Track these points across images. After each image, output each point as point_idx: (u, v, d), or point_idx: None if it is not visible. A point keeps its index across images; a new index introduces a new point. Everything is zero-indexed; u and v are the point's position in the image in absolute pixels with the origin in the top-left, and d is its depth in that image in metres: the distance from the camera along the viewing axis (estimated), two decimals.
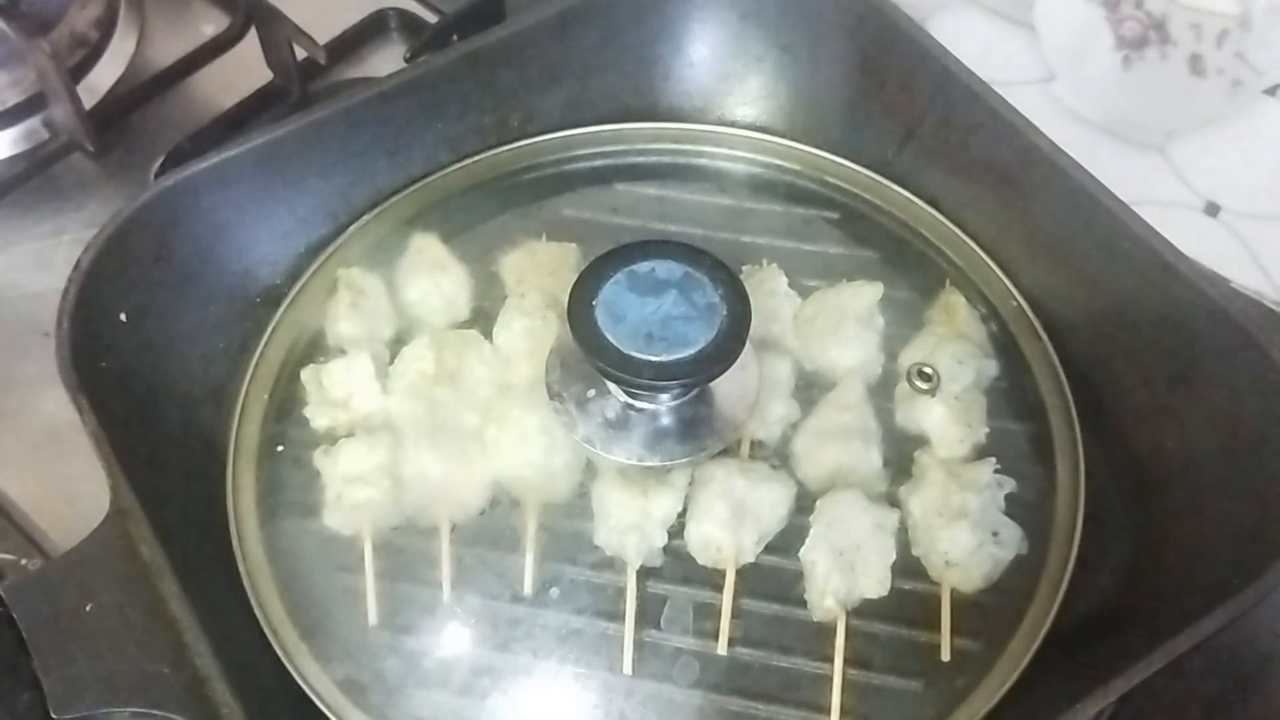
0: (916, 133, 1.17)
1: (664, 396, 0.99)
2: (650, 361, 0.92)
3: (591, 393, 1.01)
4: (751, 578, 1.02)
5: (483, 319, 1.13)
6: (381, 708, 0.97)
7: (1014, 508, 1.03)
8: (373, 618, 0.99)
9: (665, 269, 0.96)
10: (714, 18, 1.24)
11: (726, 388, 1.01)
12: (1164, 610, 0.93)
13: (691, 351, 0.92)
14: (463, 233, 1.19)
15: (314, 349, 1.13)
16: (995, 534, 1.00)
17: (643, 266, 0.96)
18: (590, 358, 0.93)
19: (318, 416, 1.07)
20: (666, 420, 1.00)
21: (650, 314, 0.93)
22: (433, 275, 1.13)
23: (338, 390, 1.06)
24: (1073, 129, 1.35)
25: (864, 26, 1.18)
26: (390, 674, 0.98)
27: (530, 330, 1.08)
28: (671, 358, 0.92)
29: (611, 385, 1.00)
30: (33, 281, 1.20)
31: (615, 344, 0.92)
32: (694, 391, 1.00)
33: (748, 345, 0.95)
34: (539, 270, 1.14)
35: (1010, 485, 1.03)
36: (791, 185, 1.23)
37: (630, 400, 1.00)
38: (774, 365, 1.08)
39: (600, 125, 1.24)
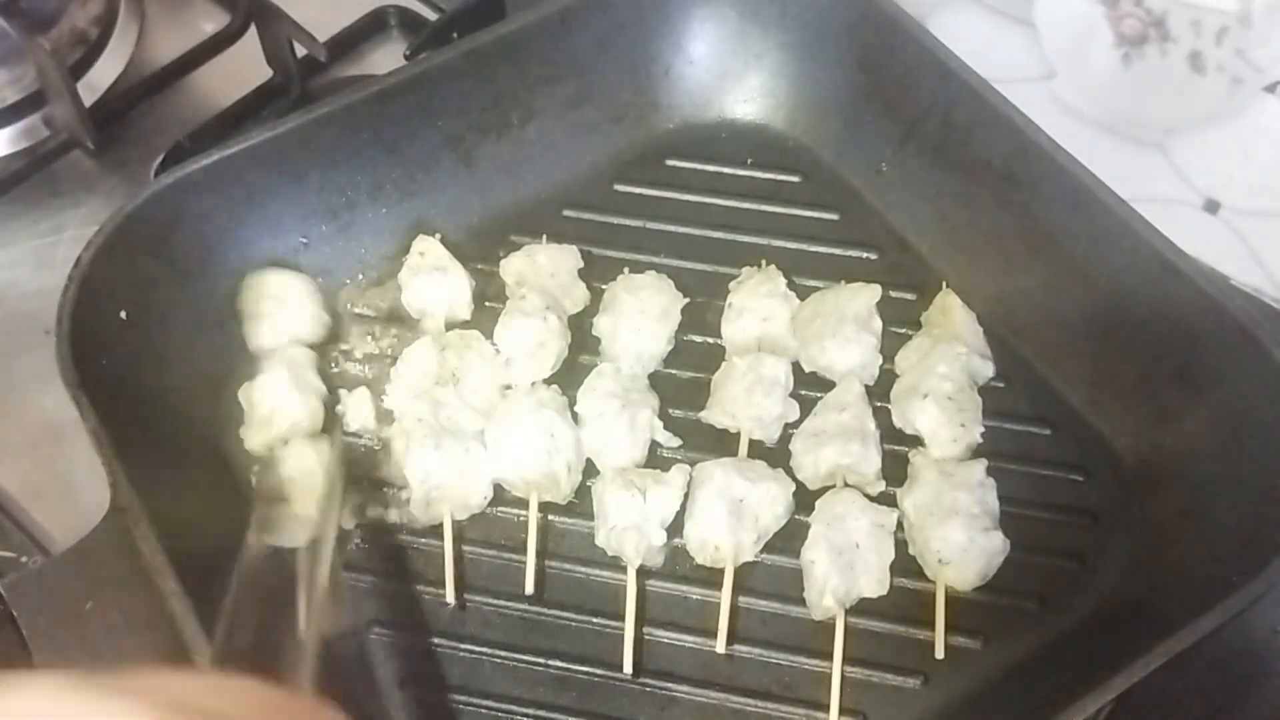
0: (916, 131, 1.17)
1: None
2: None
3: None
4: (751, 576, 1.03)
5: (483, 320, 1.13)
6: (383, 707, 0.97)
7: (1011, 506, 1.03)
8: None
9: None
10: (714, 15, 1.24)
11: None
12: (1163, 608, 0.93)
13: None
14: (463, 233, 1.19)
15: (316, 347, 1.13)
16: (987, 532, 1.00)
17: None
18: None
19: (251, 438, 1.06)
20: None
21: None
22: (434, 277, 1.12)
23: (264, 407, 1.05)
24: (1072, 126, 1.35)
25: (864, 24, 1.18)
26: (392, 673, 0.99)
27: (531, 330, 1.09)
28: None
29: None
30: (33, 279, 1.20)
31: None
32: None
33: None
34: (539, 272, 1.14)
35: (1005, 484, 1.03)
36: (791, 185, 1.23)
37: None
38: (773, 365, 1.08)
39: (600, 123, 1.24)
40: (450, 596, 1.00)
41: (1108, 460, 1.07)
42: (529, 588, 1.01)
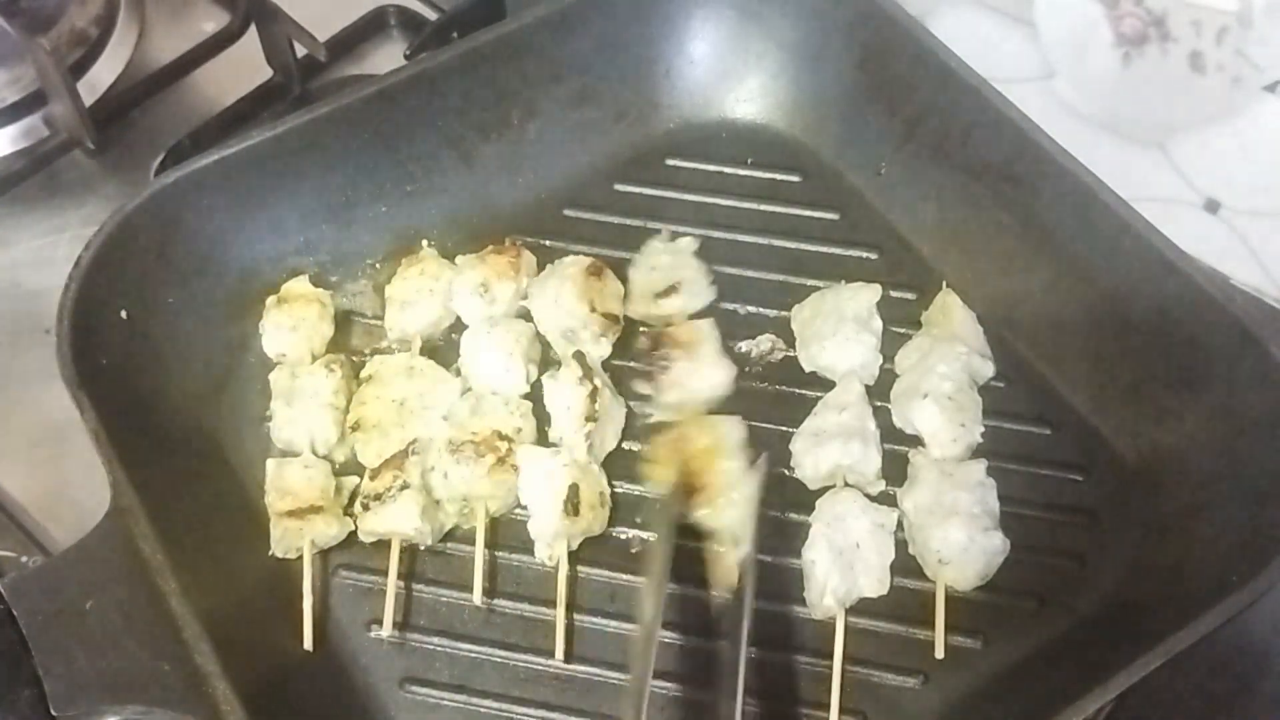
0: (916, 131, 1.17)
1: None
2: None
3: None
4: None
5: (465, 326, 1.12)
6: (384, 707, 0.97)
7: (1011, 506, 1.03)
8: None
9: None
10: (714, 15, 1.24)
11: None
12: (1163, 608, 0.93)
13: None
14: (463, 233, 1.19)
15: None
16: (987, 532, 1.00)
17: None
18: None
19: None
20: None
21: None
22: (425, 281, 1.12)
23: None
24: (1073, 126, 1.35)
25: (864, 24, 1.18)
26: (394, 673, 0.99)
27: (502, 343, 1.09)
28: None
29: None
30: (33, 278, 1.20)
31: None
32: None
33: None
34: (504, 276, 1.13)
35: (1005, 484, 1.03)
36: (791, 185, 1.23)
37: None
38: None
39: (600, 123, 1.24)
40: (477, 598, 1.00)
41: (1108, 460, 1.07)
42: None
